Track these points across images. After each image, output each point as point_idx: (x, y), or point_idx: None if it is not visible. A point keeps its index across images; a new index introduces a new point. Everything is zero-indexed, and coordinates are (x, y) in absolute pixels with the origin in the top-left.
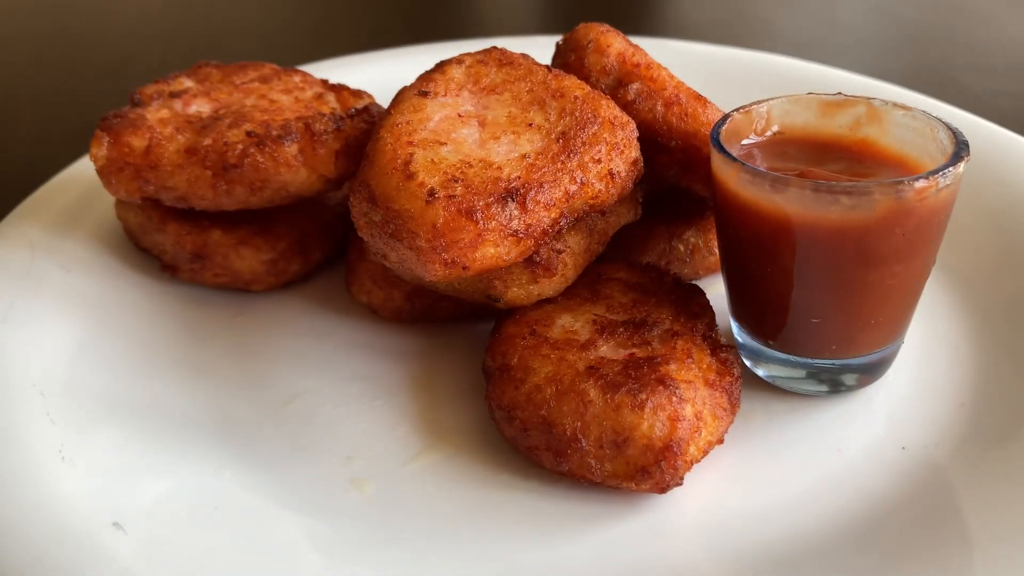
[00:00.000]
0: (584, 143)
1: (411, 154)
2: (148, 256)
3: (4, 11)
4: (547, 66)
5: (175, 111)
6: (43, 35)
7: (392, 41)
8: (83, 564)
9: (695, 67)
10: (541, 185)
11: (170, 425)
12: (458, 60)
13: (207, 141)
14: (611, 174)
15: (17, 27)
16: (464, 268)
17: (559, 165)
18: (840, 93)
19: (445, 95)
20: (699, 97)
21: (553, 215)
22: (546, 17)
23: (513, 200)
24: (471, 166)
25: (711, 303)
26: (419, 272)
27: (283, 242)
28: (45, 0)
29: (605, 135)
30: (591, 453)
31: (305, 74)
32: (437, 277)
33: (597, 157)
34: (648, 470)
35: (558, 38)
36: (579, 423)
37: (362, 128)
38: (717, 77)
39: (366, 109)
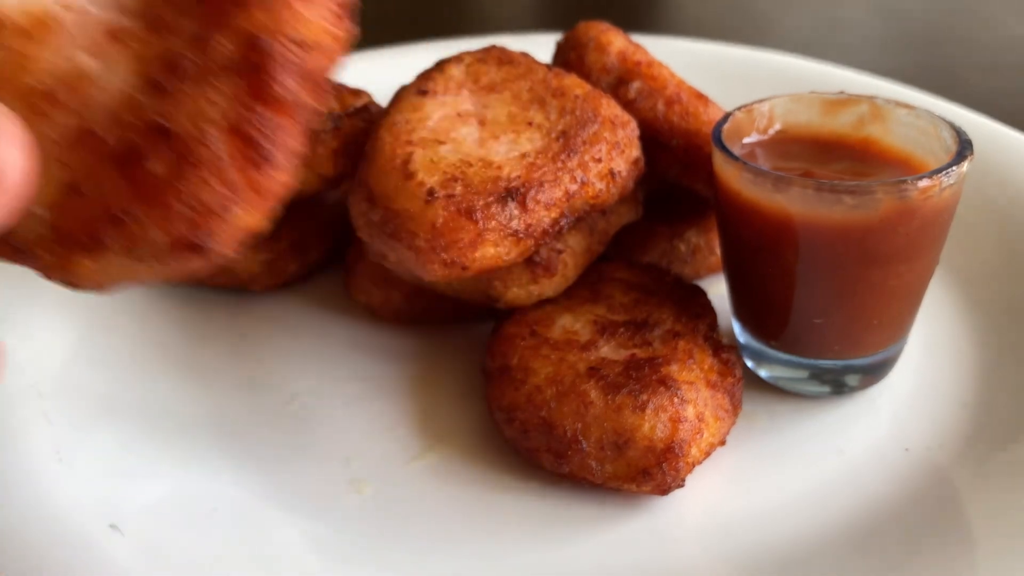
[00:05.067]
0: (585, 142)
1: (410, 153)
2: None
3: None
4: (547, 64)
5: None
6: None
7: (391, 39)
8: (80, 566)
9: (696, 65)
10: (541, 184)
11: (168, 426)
12: (457, 58)
13: None
14: (612, 173)
15: None
16: (463, 268)
17: (559, 164)
18: (843, 91)
19: (444, 94)
20: (700, 95)
21: (553, 215)
22: (546, 15)
23: (513, 200)
24: (471, 165)
25: (713, 303)
26: (418, 272)
27: (281, 242)
28: None
29: (606, 134)
30: (592, 454)
31: None
32: (436, 277)
33: (598, 156)
34: (649, 472)
35: (558, 36)
36: (580, 424)
37: (360, 127)
38: (719, 75)
39: (364, 108)
